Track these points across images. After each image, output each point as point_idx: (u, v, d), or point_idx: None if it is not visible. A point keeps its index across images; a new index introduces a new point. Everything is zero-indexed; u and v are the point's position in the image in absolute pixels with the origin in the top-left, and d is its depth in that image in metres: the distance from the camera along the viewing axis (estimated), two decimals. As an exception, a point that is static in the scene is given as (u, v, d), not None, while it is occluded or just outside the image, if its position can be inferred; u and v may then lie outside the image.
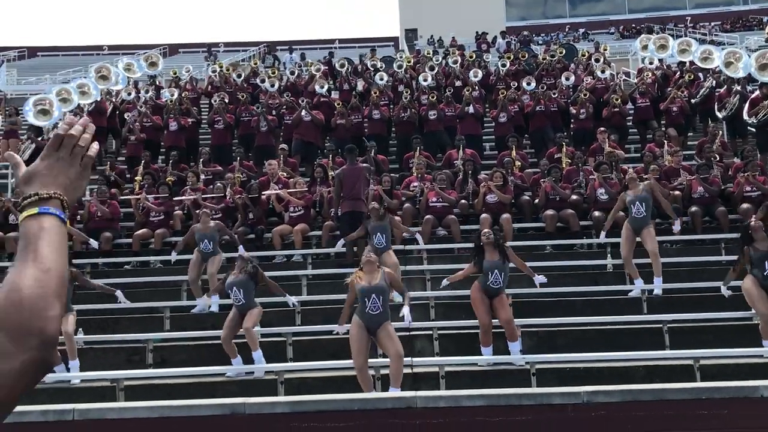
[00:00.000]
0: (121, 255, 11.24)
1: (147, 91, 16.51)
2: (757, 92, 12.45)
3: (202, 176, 12.54)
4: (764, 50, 14.17)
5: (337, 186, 10.19)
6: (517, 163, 12.23)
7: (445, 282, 8.38)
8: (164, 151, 14.57)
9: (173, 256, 10.06)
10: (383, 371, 7.23)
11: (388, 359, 6.99)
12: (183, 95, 15.85)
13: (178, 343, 8.62)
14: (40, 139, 13.19)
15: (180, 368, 7.91)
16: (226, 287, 7.98)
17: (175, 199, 11.75)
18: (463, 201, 11.33)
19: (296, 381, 7.53)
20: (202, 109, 16.76)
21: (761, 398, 5.91)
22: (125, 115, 15.15)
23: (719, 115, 13.63)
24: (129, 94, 16.40)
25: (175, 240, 11.22)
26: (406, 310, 7.19)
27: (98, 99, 15.00)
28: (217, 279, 9.07)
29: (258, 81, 16.53)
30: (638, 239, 9.16)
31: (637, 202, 9.12)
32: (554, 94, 14.49)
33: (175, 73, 18.45)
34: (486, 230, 8.07)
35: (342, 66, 16.58)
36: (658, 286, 9.01)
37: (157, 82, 17.27)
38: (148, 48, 31.57)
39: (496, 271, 7.70)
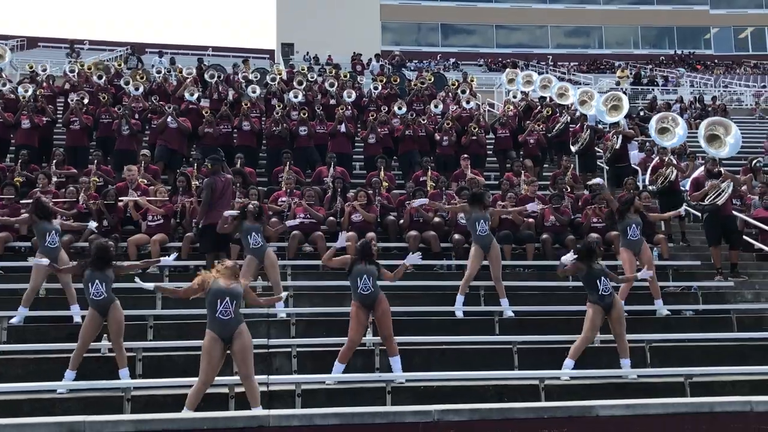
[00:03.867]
0: (-45, 259, 10.28)
1: (-3, 85, 15.34)
2: (657, 159, 13.15)
3: (54, 178, 11.79)
4: (611, 92, 15.35)
5: (207, 195, 9.84)
6: (385, 184, 12.44)
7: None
8: (14, 149, 13.58)
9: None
10: (237, 389, 7.04)
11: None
12: (39, 92, 14.87)
13: (14, 356, 7.97)
14: None
15: (14, 383, 7.32)
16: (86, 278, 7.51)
17: (22, 201, 10.93)
18: (331, 218, 11.35)
19: (143, 398, 7.17)
20: (59, 108, 15.79)
21: (597, 417, 6.30)
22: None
23: (573, 148, 14.57)
24: (-25, 86, 15.18)
25: (18, 246, 10.46)
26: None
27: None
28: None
29: (122, 83, 15.81)
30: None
31: (482, 221, 9.56)
32: (423, 120, 14.92)
33: (31, 68, 17.28)
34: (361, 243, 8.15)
35: (212, 77, 16.18)
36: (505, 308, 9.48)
37: (5, 76, 16.05)
38: (3, 39, 29.51)
39: (365, 276, 7.80)
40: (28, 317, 8.84)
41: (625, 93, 22.66)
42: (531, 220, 11.45)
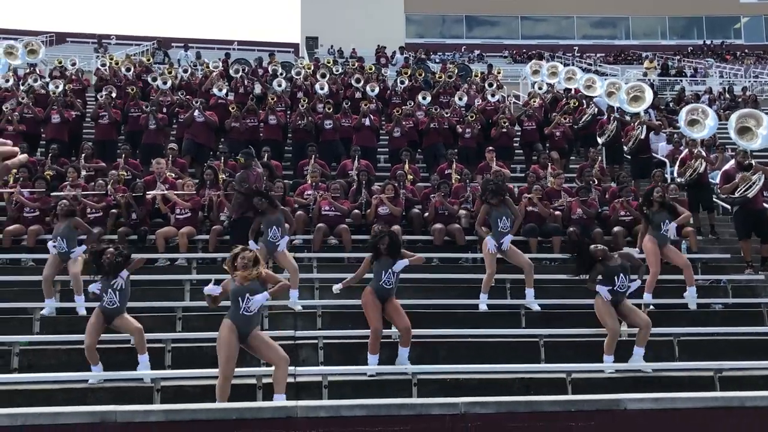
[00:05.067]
0: (-10, 251, 10.49)
1: (26, 81, 15.60)
2: (685, 151, 12.94)
3: (84, 172, 11.96)
4: (633, 83, 15.15)
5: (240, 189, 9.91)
6: (410, 177, 12.45)
7: (336, 288, 8.36)
8: (44, 143, 13.80)
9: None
10: (265, 380, 7.11)
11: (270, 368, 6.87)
12: (68, 87, 15.08)
13: (48, 347, 8.13)
14: None
15: (48, 373, 7.47)
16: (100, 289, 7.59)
17: (52, 194, 11.10)
18: (356, 211, 11.39)
19: (173, 389, 7.27)
20: (88, 103, 16.00)
21: (625, 411, 6.26)
22: (4, 105, 14.21)
23: (599, 140, 14.43)
24: (7, 80, 15.46)
25: (49, 238, 10.64)
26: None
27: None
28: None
29: (149, 79, 15.97)
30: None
31: (504, 217, 9.50)
32: (447, 113, 14.88)
33: (60, 63, 17.53)
34: (385, 237, 8.07)
35: (236, 72, 16.25)
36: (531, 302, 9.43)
37: (38, 71, 16.32)
38: (33, 34, 29.89)
39: (390, 270, 7.80)
40: (59, 308, 9.01)
41: (652, 84, 22.41)
42: (558, 213, 11.37)
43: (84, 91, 16.37)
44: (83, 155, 12.52)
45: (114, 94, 14.51)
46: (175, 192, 11.07)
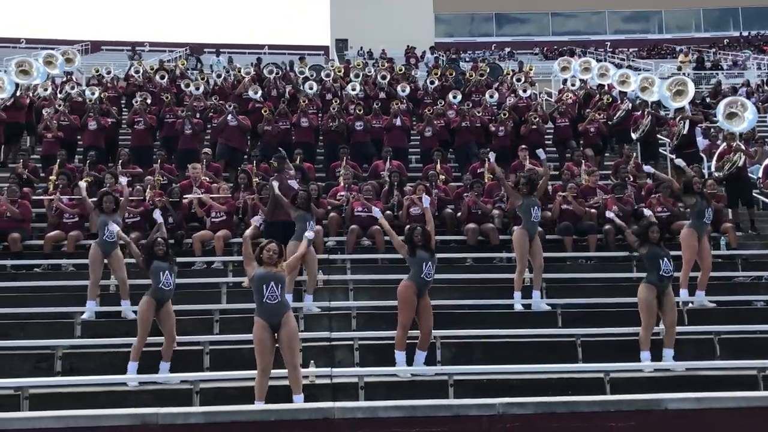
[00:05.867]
0: (32, 257, 10.71)
1: (63, 89, 15.94)
2: (723, 145, 12.77)
3: (121, 178, 12.14)
4: (675, 77, 14.92)
5: (273, 193, 10.03)
6: (442, 177, 12.42)
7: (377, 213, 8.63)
8: (82, 150, 14.07)
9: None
10: (304, 381, 7.15)
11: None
12: (104, 95, 15.36)
13: (89, 350, 8.29)
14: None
15: (90, 376, 7.62)
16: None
17: (91, 200, 11.31)
18: (388, 212, 11.39)
19: (212, 391, 7.36)
20: (123, 110, 16.29)
21: (665, 411, 6.17)
22: (43, 112, 14.55)
23: (633, 136, 14.23)
24: (45, 89, 15.81)
25: (89, 243, 10.84)
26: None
27: (15, 94, 14.40)
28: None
29: (183, 85, 16.20)
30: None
31: (536, 207, 9.46)
32: (478, 112, 14.81)
33: (97, 71, 17.87)
34: (417, 229, 8.12)
35: (270, 72, 16.42)
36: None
37: (75, 79, 16.66)
38: (69, 44, 30.51)
39: (429, 263, 7.84)
40: (98, 312, 9.17)
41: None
42: (593, 210, 11.25)
43: (119, 98, 16.67)
44: (120, 161, 12.74)
45: (149, 101, 14.74)
46: (211, 196, 11.21)
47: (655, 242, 8.25)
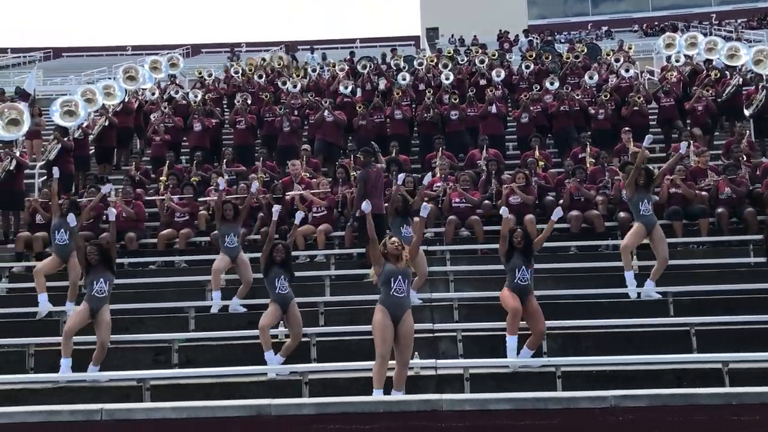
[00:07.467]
0: (147, 255, 11.31)
1: (167, 92, 16.66)
2: None
3: (226, 176, 12.59)
4: None
5: (361, 187, 10.14)
6: (541, 164, 12.16)
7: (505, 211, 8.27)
8: (188, 151, 14.67)
9: None
10: (409, 372, 7.19)
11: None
12: (206, 96, 15.96)
13: (203, 343, 8.66)
14: (66, 139, 13.31)
15: (205, 368, 7.96)
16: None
17: (199, 199, 11.82)
18: (486, 201, 11.27)
19: (319, 382, 7.53)
20: (225, 110, 16.86)
21: (793, 404, 5.82)
22: (151, 116, 15.29)
23: (746, 112, 13.45)
24: (153, 93, 16.59)
25: (199, 240, 11.32)
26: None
27: (124, 99, 15.17)
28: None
29: (279, 83, 16.59)
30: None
31: (645, 200, 9.08)
32: (577, 94, 14.39)
33: (200, 74, 18.58)
34: (518, 230, 7.97)
35: (364, 67, 16.57)
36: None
37: (178, 82, 17.41)
38: (170, 48, 31.87)
39: (523, 267, 7.68)
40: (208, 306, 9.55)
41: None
42: (704, 193, 10.72)
43: (221, 99, 17.26)
44: (225, 160, 13.21)
45: (249, 101, 15.19)
46: (311, 191, 11.44)
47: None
